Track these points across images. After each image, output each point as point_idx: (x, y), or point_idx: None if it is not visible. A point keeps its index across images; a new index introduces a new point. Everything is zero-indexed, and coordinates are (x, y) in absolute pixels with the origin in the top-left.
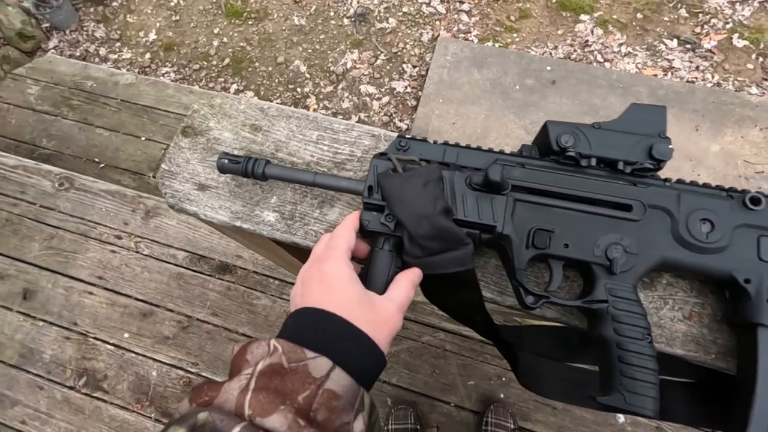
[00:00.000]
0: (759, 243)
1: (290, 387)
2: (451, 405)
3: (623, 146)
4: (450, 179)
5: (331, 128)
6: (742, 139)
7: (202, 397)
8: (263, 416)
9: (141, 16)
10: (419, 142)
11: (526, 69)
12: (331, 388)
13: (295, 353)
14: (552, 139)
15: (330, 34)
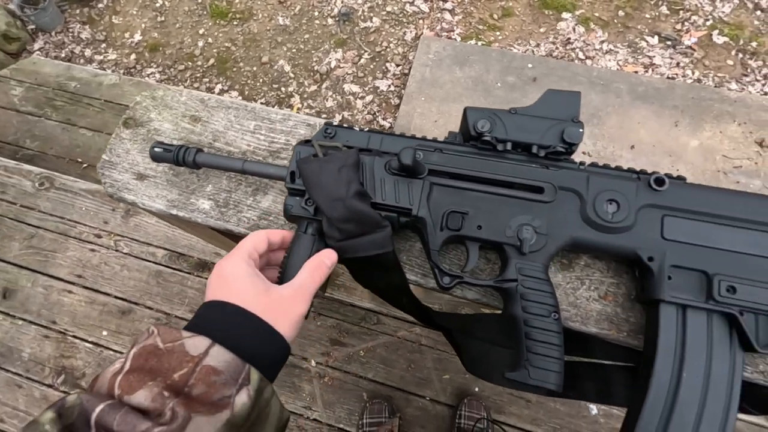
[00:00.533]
0: (663, 222)
1: (166, 366)
2: (426, 399)
3: (537, 130)
4: (370, 164)
5: (269, 118)
6: (721, 135)
7: (90, 386)
8: (130, 393)
9: (126, 17)
10: (346, 129)
11: (507, 67)
12: (211, 364)
13: (170, 334)
14: (470, 125)
15: (314, 34)
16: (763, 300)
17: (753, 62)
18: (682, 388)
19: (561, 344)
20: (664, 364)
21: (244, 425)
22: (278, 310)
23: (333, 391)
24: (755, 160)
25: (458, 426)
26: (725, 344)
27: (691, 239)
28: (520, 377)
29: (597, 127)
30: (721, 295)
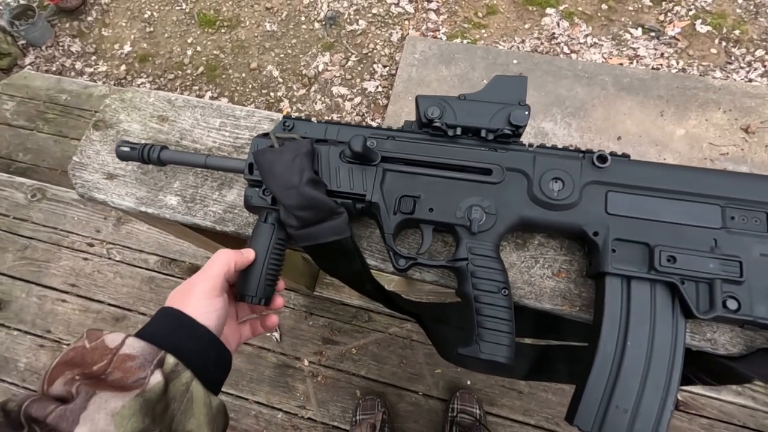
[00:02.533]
0: (607, 198)
1: (89, 360)
2: (419, 394)
3: (486, 115)
4: (326, 154)
5: (233, 115)
6: (707, 122)
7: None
8: (50, 385)
9: (116, 29)
10: (304, 121)
11: (493, 64)
12: (126, 352)
13: (94, 334)
14: (420, 113)
15: (301, 39)
16: (701, 268)
17: (736, 50)
18: (626, 357)
19: (511, 319)
20: (609, 334)
21: (159, 403)
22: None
23: (326, 390)
24: (741, 147)
25: (451, 419)
26: (668, 313)
27: (633, 213)
28: (472, 352)
29: (583, 120)
30: (662, 265)
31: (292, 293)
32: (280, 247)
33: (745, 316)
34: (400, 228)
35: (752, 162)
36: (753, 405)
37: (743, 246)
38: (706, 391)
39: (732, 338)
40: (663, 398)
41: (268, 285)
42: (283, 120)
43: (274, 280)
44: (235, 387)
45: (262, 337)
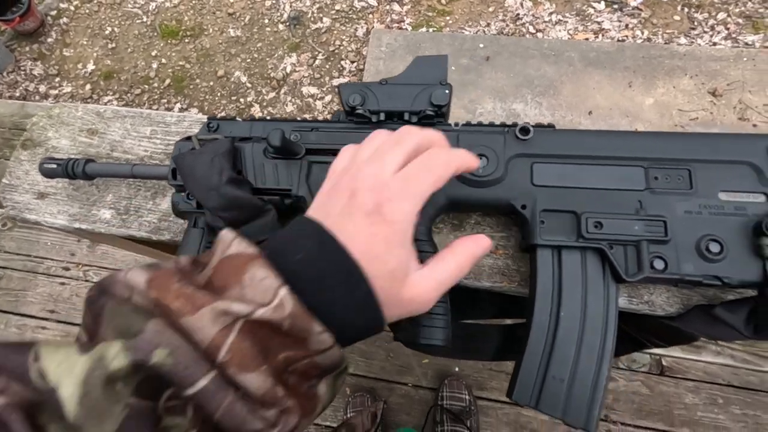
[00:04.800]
0: (532, 170)
1: (275, 342)
2: (408, 386)
3: (408, 98)
4: (249, 151)
5: (164, 122)
6: (674, 89)
7: (166, 301)
8: (241, 370)
9: (77, 49)
10: (229, 121)
11: (459, 49)
12: (319, 362)
13: (303, 322)
14: (343, 101)
15: (267, 41)
16: (627, 231)
17: (699, 15)
18: (561, 326)
19: (445, 302)
20: (543, 305)
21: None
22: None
23: None
24: (710, 111)
25: (441, 407)
26: (599, 279)
27: (559, 182)
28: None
29: (554, 98)
30: (589, 232)
31: None
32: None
33: (672, 274)
34: None
35: (722, 124)
36: (732, 363)
37: (668, 205)
38: (687, 354)
39: (669, 298)
40: (598, 364)
41: None
42: (207, 121)
43: None
44: None
45: None
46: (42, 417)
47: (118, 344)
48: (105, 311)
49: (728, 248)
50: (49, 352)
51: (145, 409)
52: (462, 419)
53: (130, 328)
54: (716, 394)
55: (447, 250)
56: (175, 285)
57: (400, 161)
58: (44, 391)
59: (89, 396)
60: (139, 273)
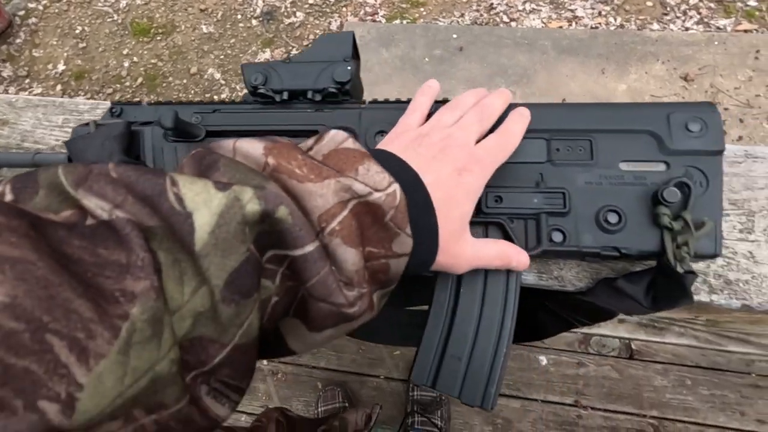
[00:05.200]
0: None
1: (369, 233)
2: (380, 378)
3: (311, 76)
4: (149, 135)
5: (77, 110)
6: (647, 75)
7: (289, 165)
8: (346, 243)
9: (47, 49)
10: (133, 105)
11: (433, 40)
12: (390, 266)
13: (402, 219)
14: (246, 81)
15: (240, 37)
16: (526, 204)
17: (671, 0)
18: (460, 304)
19: None
20: (443, 283)
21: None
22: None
23: (288, 386)
24: (682, 95)
25: (412, 398)
26: None
27: None
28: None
29: (527, 87)
30: (489, 207)
31: None
32: None
33: (571, 246)
34: None
35: None
36: (697, 344)
37: (568, 176)
38: (651, 336)
39: (578, 273)
40: (496, 341)
41: None
42: (110, 106)
43: None
44: None
45: None
46: (153, 242)
47: (250, 191)
48: (220, 164)
49: (627, 218)
50: (187, 182)
51: (257, 260)
52: (433, 410)
53: (252, 181)
54: (685, 376)
55: (494, 241)
56: (299, 155)
57: (482, 132)
58: (179, 213)
59: (223, 228)
60: (252, 142)
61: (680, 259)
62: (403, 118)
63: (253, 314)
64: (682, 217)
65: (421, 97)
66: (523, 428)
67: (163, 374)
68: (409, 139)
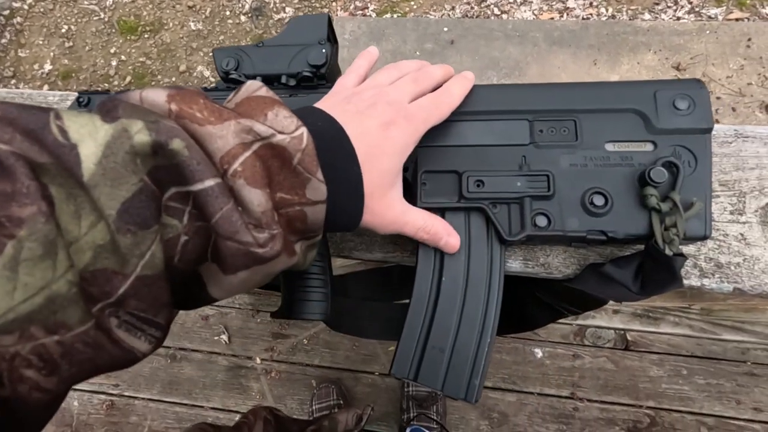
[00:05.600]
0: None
1: (279, 178)
2: (375, 374)
3: (284, 60)
4: None
5: (46, 102)
6: (639, 65)
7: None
8: (249, 184)
9: (33, 49)
10: (101, 95)
11: (423, 34)
12: (306, 213)
13: (311, 163)
14: (217, 67)
15: (229, 34)
16: (509, 188)
17: None
18: (442, 294)
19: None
20: (424, 273)
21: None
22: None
23: (281, 385)
24: None
25: (407, 394)
26: (483, 241)
27: (441, 141)
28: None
29: (519, 79)
30: (470, 191)
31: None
32: None
33: (556, 231)
34: None
35: None
36: (691, 333)
37: (552, 159)
38: (647, 326)
39: (565, 260)
40: (479, 332)
41: None
42: (77, 96)
43: None
44: (189, 396)
45: (210, 341)
46: (44, 177)
47: (140, 123)
48: (119, 108)
49: (614, 201)
50: (72, 115)
51: (154, 192)
52: (428, 405)
53: (149, 116)
54: (680, 366)
55: (427, 213)
56: (201, 99)
57: (417, 93)
58: (63, 145)
59: (110, 159)
60: (157, 90)
61: (669, 242)
62: (340, 79)
63: (155, 246)
64: (671, 198)
65: (360, 60)
66: (519, 422)
67: (61, 293)
68: (341, 97)
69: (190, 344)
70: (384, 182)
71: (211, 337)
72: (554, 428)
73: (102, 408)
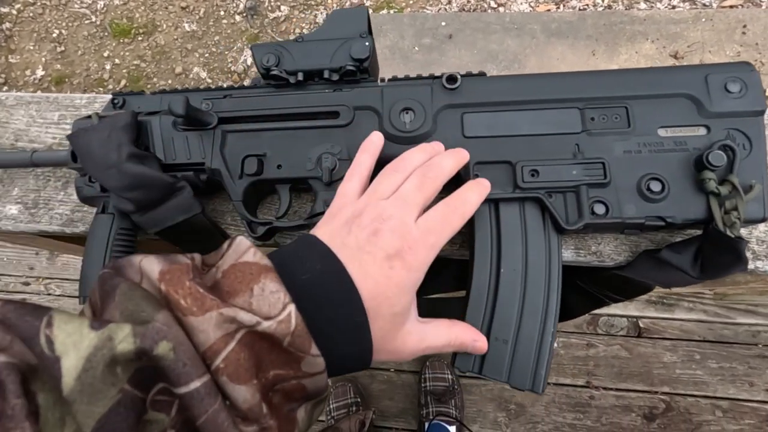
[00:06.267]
0: (462, 121)
1: (270, 358)
2: (390, 371)
3: (326, 54)
4: (157, 125)
5: (73, 105)
6: (637, 55)
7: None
8: (233, 381)
9: (24, 54)
10: (136, 95)
11: (421, 29)
12: (305, 385)
13: (303, 343)
14: (257, 64)
15: (224, 34)
16: (565, 177)
17: None
18: (501, 284)
19: None
20: (482, 263)
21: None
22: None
23: None
24: None
25: (424, 389)
26: (539, 231)
27: (491, 132)
28: None
29: (518, 72)
30: (525, 181)
31: None
32: (124, 238)
33: (614, 218)
34: (252, 193)
35: None
36: (705, 318)
37: (606, 146)
38: (661, 313)
39: (617, 247)
40: (542, 321)
41: None
42: (111, 98)
43: None
44: None
45: None
46: (35, 383)
47: (127, 328)
48: (117, 292)
49: (670, 186)
50: (62, 321)
51: (135, 398)
52: (446, 400)
53: (141, 314)
54: (693, 351)
55: (448, 323)
56: (187, 282)
57: (422, 206)
58: (48, 358)
59: (89, 373)
60: (153, 262)
61: (730, 225)
62: (342, 184)
63: None
64: (730, 180)
65: (362, 155)
66: (536, 412)
67: None
68: (341, 222)
69: None
70: (395, 325)
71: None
72: (571, 417)
73: None
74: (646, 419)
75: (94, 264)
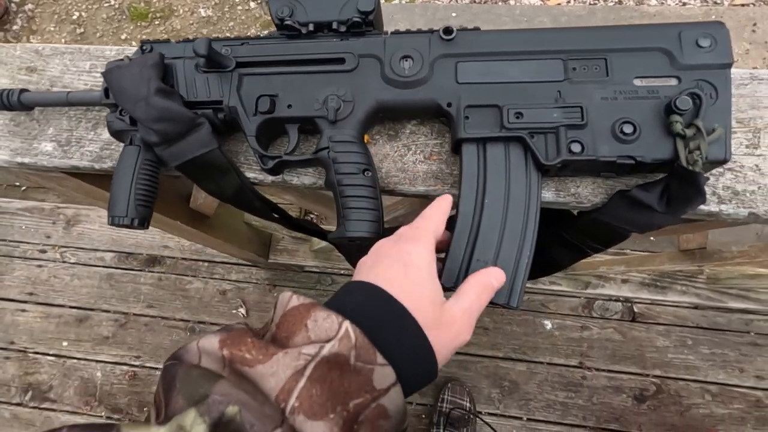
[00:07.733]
0: (456, 69)
1: (346, 387)
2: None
3: (335, 7)
4: (181, 67)
5: (103, 56)
6: None
7: (240, 352)
8: (309, 418)
9: (45, 35)
10: (163, 43)
11: (432, 20)
12: (385, 405)
13: (368, 353)
14: (272, 15)
15: (239, 20)
16: (546, 119)
17: None
18: (485, 213)
19: (376, 197)
20: (468, 194)
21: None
22: (446, 332)
23: None
24: None
25: (439, 409)
26: (521, 167)
27: (482, 78)
28: (339, 234)
29: None
30: (510, 122)
31: (253, 268)
32: (149, 168)
33: (589, 156)
34: (264, 130)
35: None
36: (698, 301)
37: (585, 93)
38: (655, 295)
39: (594, 190)
40: (520, 245)
41: (140, 205)
42: (141, 45)
43: (146, 200)
44: None
45: (228, 315)
46: None
47: (192, 412)
48: (176, 380)
49: (641, 129)
50: (130, 428)
51: None
52: (459, 426)
53: (199, 391)
54: (686, 336)
55: (464, 284)
56: (248, 339)
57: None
58: None
59: None
60: (211, 337)
61: (693, 163)
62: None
63: None
64: (695, 124)
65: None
66: (529, 390)
67: None
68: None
69: (208, 317)
70: (436, 301)
71: (229, 311)
72: (563, 396)
73: (125, 378)
74: (637, 400)
75: (122, 187)
